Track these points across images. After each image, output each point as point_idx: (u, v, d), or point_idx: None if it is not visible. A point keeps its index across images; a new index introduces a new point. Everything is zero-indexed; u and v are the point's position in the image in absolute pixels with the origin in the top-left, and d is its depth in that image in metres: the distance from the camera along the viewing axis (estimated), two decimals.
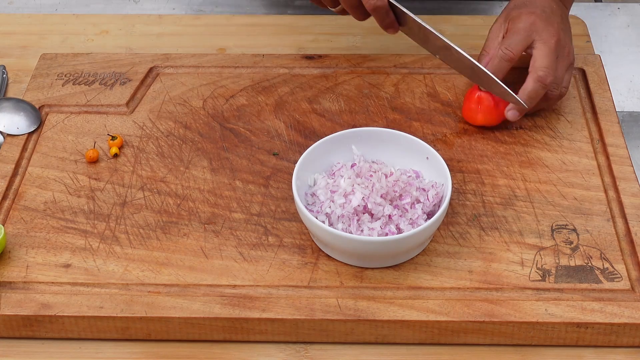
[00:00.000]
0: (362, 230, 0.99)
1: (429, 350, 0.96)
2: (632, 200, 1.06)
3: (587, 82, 1.23)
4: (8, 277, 0.99)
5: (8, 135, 1.16)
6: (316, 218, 0.99)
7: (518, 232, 1.03)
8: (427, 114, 1.19)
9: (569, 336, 0.95)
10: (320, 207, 1.01)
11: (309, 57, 1.27)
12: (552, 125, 1.16)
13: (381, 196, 1.00)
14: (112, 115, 1.19)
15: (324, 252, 1.01)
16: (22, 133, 1.16)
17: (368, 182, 1.01)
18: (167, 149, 1.14)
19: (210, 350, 0.96)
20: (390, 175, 1.02)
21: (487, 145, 1.14)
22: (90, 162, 1.12)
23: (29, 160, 1.13)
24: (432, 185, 1.02)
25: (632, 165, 1.10)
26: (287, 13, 1.45)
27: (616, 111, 1.18)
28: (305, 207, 1.00)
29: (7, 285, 0.99)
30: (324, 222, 0.99)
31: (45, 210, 1.07)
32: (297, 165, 1.03)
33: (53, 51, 1.32)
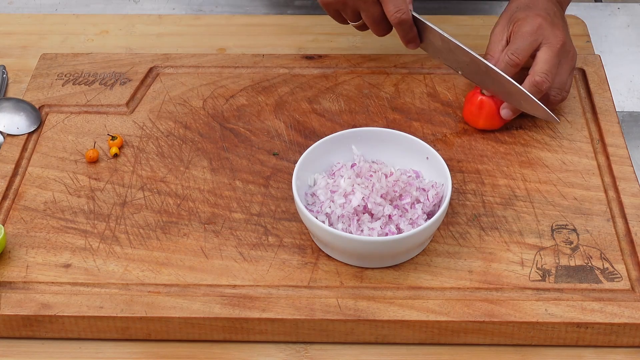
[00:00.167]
0: (362, 230, 0.99)
1: (429, 350, 0.96)
2: (632, 200, 1.06)
3: (587, 82, 1.23)
4: (8, 277, 0.99)
5: (8, 135, 1.16)
6: (316, 218, 0.99)
7: (518, 232, 1.03)
8: (427, 114, 1.19)
9: (569, 336, 0.95)
10: (320, 207, 1.01)
11: (309, 57, 1.27)
12: (552, 125, 1.16)
13: (381, 196, 1.00)
14: (112, 115, 1.19)
15: (324, 252, 1.01)
16: (22, 133, 1.16)
17: (368, 182, 1.01)
18: (167, 149, 1.14)
19: (210, 350, 0.96)
20: (390, 175, 1.02)
21: (487, 145, 1.14)
22: (90, 162, 1.12)
23: (29, 160, 1.13)
24: (432, 185, 1.02)
25: (632, 165, 1.10)
26: (287, 13, 1.45)
27: (616, 111, 1.18)
28: (305, 207, 1.00)
29: (7, 285, 0.99)
30: (324, 222, 0.99)
31: (45, 210, 1.07)
32: (297, 165, 1.03)
33: (53, 51, 1.32)
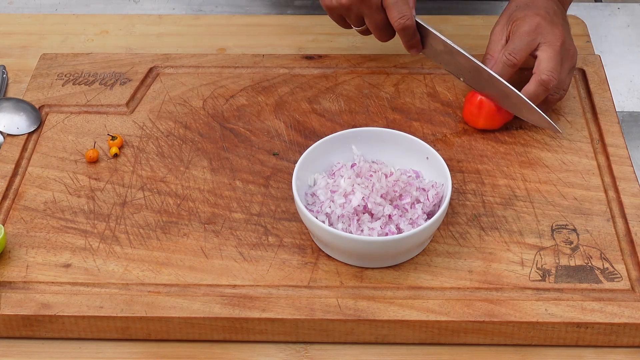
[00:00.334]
0: (362, 230, 0.99)
1: (429, 350, 0.96)
2: (632, 200, 1.06)
3: (587, 82, 1.23)
4: (8, 277, 0.99)
5: (8, 135, 1.16)
6: (316, 218, 0.99)
7: (518, 232, 1.03)
8: (427, 114, 1.19)
9: (569, 336, 0.95)
10: (320, 207, 1.01)
11: (309, 57, 1.27)
12: None
13: (381, 196, 1.00)
14: (112, 115, 1.19)
15: (324, 252, 1.01)
16: (22, 133, 1.16)
17: (368, 182, 1.01)
18: (167, 149, 1.14)
19: (210, 350, 0.96)
20: (390, 175, 1.02)
21: (487, 145, 1.14)
22: (90, 162, 1.12)
23: (29, 160, 1.13)
24: (432, 185, 1.02)
25: (632, 165, 1.10)
26: (287, 13, 1.45)
27: (616, 111, 1.18)
28: (305, 207, 1.00)
29: (7, 285, 0.99)
30: (324, 222, 0.99)
31: (45, 210, 1.07)
32: (297, 165, 1.03)
33: (53, 51, 1.32)
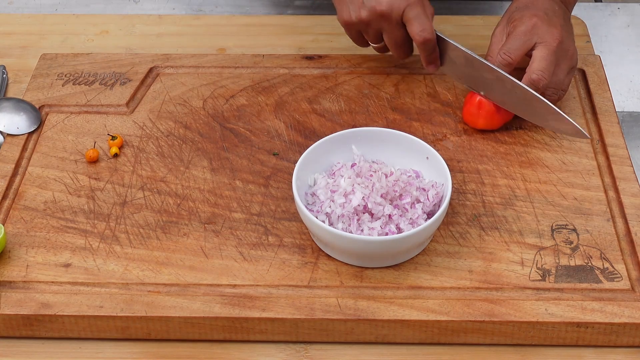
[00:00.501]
0: (362, 230, 0.99)
1: (429, 350, 0.96)
2: (632, 200, 1.06)
3: (587, 83, 1.23)
4: (8, 277, 0.99)
5: (8, 135, 1.16)
6: (316, 218, 0.99)
7: (518, 232, 1.03)
8: (427, 114, 1.19)
9: (569, 336, 0.95)
10: (320, 207, 1.01)
11: (309, 58, 1.27)
12: None
13: (381, 196, 1.00)
14: (112, 115, 1.19)
15: (324, 252, 1.01)
16: (22, 133, 1.16)
17: (368, 182, 1.01)
18: (167, 149, 1.14)
19: (210, 350, 0.96)
20: (390, 175, 1.02)
21: (487, 145, 1.14)
22: (90, 162, 1.12)
23: (29, 160, 1.13)
24: (432, 185, 1.02)
25: (632, 165, 1.10)
26: (287, 13, 1.45)
27: (616, 111, 1.18)
28: (305, 207, 1.00)
29: (7, 284, 0.99)
30: (324, 222, 0.99)
31: (45, 210, 1.07)
32: (297, 165, 1.03)
33: (53, 51, 1.32)
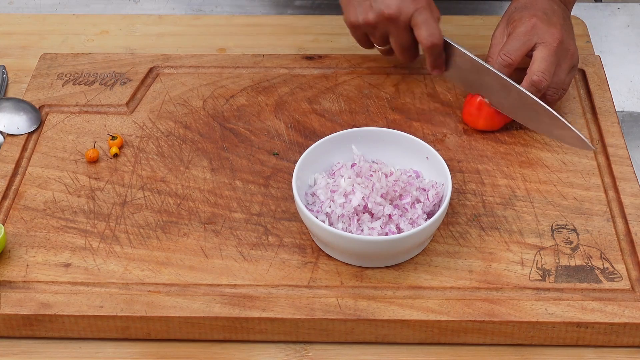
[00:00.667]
0: (362, 230, 0.99)
1: (429, 350, 0.96)
2: (632, 200, 1.06)
3: (587, 83, 1.23)
4: (8, 277, 0.99)
5: (8, 135, 1.16)
6: (316, 218, 0.99)
7: (518, 232, 1.03)
8: (427, 114, 1.19)
9: (569, 336, 0.95)
10: (320, 207, 1.01)
11: (309, 58, 1.27)
12: None
13: (381, 196, 1.00)
14: (112, 115, 1.19)
15: (324, 252, 1.01)
16: (22, 133, 1.16)
17: (368, 182, 1.01)
18: (167, 149, 1.14)
19: (210, 350, 0.96)
20: (390, 175, 1.02)
21: (487, 145, 1.14)
22: (90, 162, 1.12)
23: (29, 160, 1.13)
24: (432, 185, 1.02)
25: (632, 166, 1.10)
26: (287, 13, 1.45)
27: (616, 111, 1.18)
28: (305, 207, 1.00)
29: (7, 284, 0.99)
30: (324, 222, 0.99)
31: (45, 209, 1.07)
32: (297, 165, 1.03)
33: (53, 51, 1.32)
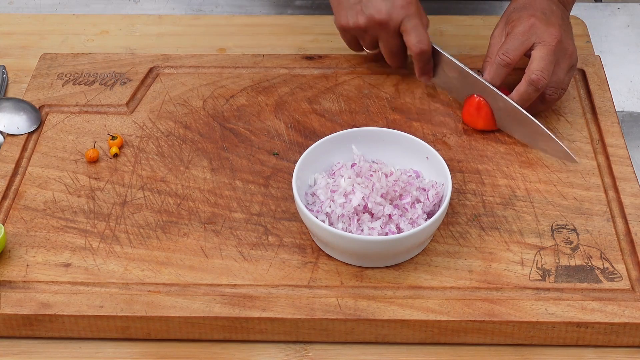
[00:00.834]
0: (362, 230, 0.99)
1: (429, 350, 0.96)
2: (632, 200, 1.06)
3: (587, 83, 1.23)
4: (8, 277, 0.99)
5: (8, 135, 1.16)
6: (316, 218, 0.99)
7: (518, 232, 1.03)
8: (427, 114, 1.19)
9: (569, 336, 0.95)
10: (321, 207, 1.01)
11: (309, 58, 1.27)
12: (552, 126, 1.16)
13: (381, 196, 1.00)
14: (112, 115, 1.19)
15: (324, 252, 1.01)
16: (22, 133, 1.16)
17: (368, 182, 1.01)
18: (167, 149, 1.14)
19: (210, 350, 0.96)
20: (390, 175, 1.02)
21: (487, 145, 1.14)
22: (90, 162, 1.12)
23: (29, 160, 1.13)
24: (432, 185, 1.02)
25: (632, 166, 1.10)
26: (287, 13, 1.45)
27: (616, 111, 1.18)
28: (305, 207, 1.00)
29: (7, 284, 0.99)
30: (324, 222, 0.99)
31: (45, 209, 1.07)
32: (297, 165, 1.03)
33: (53, 51, 1.32)
